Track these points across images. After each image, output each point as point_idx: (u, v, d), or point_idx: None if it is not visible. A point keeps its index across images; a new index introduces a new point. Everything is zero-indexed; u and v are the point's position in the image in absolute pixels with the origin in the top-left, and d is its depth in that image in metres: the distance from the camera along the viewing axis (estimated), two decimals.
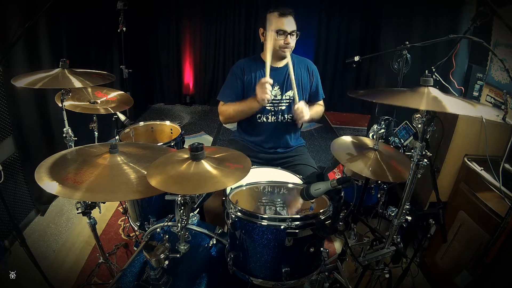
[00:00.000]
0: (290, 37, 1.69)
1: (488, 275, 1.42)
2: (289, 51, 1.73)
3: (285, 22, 1.67)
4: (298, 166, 1.77)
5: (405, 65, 1.99)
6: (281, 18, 1.68)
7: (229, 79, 1.82)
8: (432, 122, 1.00)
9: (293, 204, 1.29)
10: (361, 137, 1.44)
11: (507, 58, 1.81)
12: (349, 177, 1.01)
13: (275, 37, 1.69)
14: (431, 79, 0.99)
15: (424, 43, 1.83)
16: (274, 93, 1.79)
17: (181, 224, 1.01)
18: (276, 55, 1.76)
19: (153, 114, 4.68)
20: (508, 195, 1.43)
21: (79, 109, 1.53)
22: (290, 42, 1.69)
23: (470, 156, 1.69)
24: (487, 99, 2.03)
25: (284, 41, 1.69)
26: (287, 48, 1.71)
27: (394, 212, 1.18)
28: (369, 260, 1.21)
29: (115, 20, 2.62)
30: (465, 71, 2.24)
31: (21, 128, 2.09)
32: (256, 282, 1.09)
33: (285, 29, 1.67)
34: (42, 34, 2.21)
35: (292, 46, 1.73)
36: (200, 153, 0.97)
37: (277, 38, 1.69)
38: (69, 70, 1.33)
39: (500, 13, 1.29)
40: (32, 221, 2.23)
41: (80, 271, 1.84)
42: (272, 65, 1.79)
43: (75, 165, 1.00)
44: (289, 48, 1.72)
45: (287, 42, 1.69)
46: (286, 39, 1.68)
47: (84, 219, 1.39)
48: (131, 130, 1.83)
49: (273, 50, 1.73)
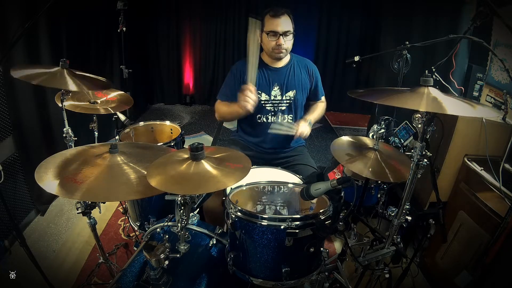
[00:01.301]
0: (283, 38, 1.66)
1: (488, 275, 1.42)
2: (284, 53, 1.71)
3: (277, 23, 1.65)
4: (298, 166, 1.77)
5: (405, 65, 1.99)
6: (273, 19, 1.65)
7: (228, 79, 1.83)
8: (432, 122, 1.01)
9: (293, 204, 1.29)
10: (361, 137, 1.43)
11: (507, 58, 1.81)
12: (349, 177, 1.01)
13: (267, 39, 1.68)
14: (431, 79, 0.99)
15: (424, 43, 1.83)
16: (274, 94, 1.79)
17: (181, 224, 1.01)
18: (271, 57, 1.76)
19: (153, 114, 4.68)
20: (508, 195, 1.43)
21: (79, 109, 1.54)
22: (282, 43, 1.66)
23: (470, 156, 1.69)
24: (487, 99, 2.03)
25: (276, 42, 1.66)
26: (281, 50, 1.69)
27: (394, 212, 1.18)
28: (369, 260, 1.21)
29: (115, 20, 2.62)
30: (465, 71, 2.24)
31: (21, 128, 2.09)
32: (256, 282, 1.09)
33: (276, 30, 1.65)
34: (42, 34, 2.21)
35: (287, 47, 1.70)
36: (200, 153, 0.97)
37: (269, 39, 1.67)
38: (68, 71, 1.32)
39: (500, 13, 1.29)
40: (32, 221, 2.23)
41: (80, 271, 1.84)
42: (271, 65, 1.80)
43: (75, 165, 1.00)
44: (282, 49, 1.69)
45: (279, 43, 1.66)
46: (278, 40, 1.66)
47: (84, 219, 1.39)
48: (131, 130, 1.83)
49: (268, 52, 1.73)
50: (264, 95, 1.79)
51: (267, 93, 1.79)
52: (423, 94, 0.95)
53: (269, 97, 1.79)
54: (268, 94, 1.79)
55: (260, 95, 1.78)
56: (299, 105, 1.85)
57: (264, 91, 1.78)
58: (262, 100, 1.78)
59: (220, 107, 1.82)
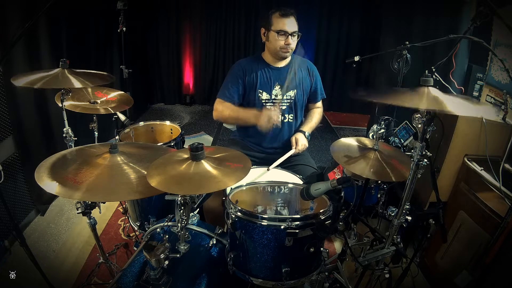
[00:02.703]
0: (291, 38, 1.69)
1: (488, 275, 1.42)
2: (290, 52, 1.73)
3: (287, 23, 1.67)
4: (298, 166, 1.77)
5: (405, 65, 1.99)
6: (283, 18, 1.67)
7: (230, 79, 1.80)
8: (432, 122, 1.00)
9: (293, 204, 1.29)
10: (360, 138, 1.43)
11: (507, 58, 1.80)
12: (349, 177, 1.01)
13: (276, 38, 1.69)
14: (431, 79, 0.99)
15: (424, 43, 1.83)
16: (275, 93, 1.80)
17: (181, 224, 1.01)
18: (277, 56, 1.77)
19: (153, 114, 4.68)
20: (508, 195, 1.43)
21: (79, 109, 1.53)
22: (291, 43, 1.70)
23: (470, 156, 1.69)
24: (487, 99, 2.03)
25: (285, 41, 1.69)
26: (288, 49, 1.71)
27: (394, 212, 1.18)
28: (369, 260, 1.21)
29: (115, 20, 2.62)
30: (465, 71, 2.24)
31: (21, 128, 2.09)
32: (256, 282, 1.09)
33: (286, 30, 1.67)
34: (42, 34, 2.21)
35: (293, 47, 1.73)
36: (200, 153, 0.97)
37: (278, 38, 1.69)
38: (69, 70, 1.33)
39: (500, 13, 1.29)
40: (32, 221, 2.23)
41: (80, 271, 1.84)
42: (273, 65, 1.81)
43: (75, 165, 1.00)
44: (290, 49, 1.72)
45: (287, 43, 1.69)
46: (287, 39, 1.69)
47: (84, 219, 1.39)
48: (131, 130, 1.83)
49: (274, 51, 1.74)
50: (265, 94, 1.79)
51: (268, 92, 1.79)
52: (423, 94, 0.95)
53: (270, 96, 1.79)
54: (269, 93, 1.79)
55: (261, 94, 1.79)
56: (300, 105, 1.86)
57: (265, 90, 1.79)
58: (263, 99, 1.79)
59: (224, 109, 1.78)
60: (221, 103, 1.79)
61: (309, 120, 1.91)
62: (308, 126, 1.88)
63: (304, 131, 1.83)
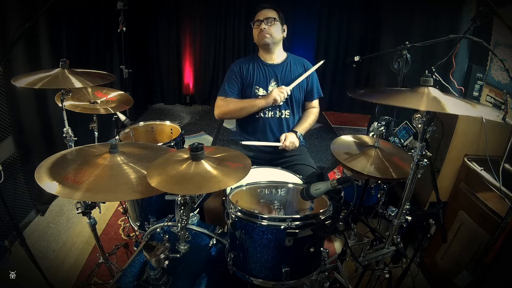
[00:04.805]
0: (265, 23, 1.74)
1: (488, 275, 1.42)
2: (268, 38, 1.76)
3: (260, 14, 1.77)
4: (298, 166, 1.77)
5: (405, 65, 1.99)
6: (257, 12, 1.78)
7: (228, 78, 1.85)
8: (432, 122, 1.00)
9: (293, 204, 1.29)
10: (360, 136, 1.43)
11: (507, 58, 1.81)
12: (349, 177, 1.00)
13: (254, 30, 1.79)
14: (431, 79, 0.99)
15: (424, 43, 1.83)
16: (271, 89, 1.82)
17: (181, 224, 1.01)
18: (262, 47, 1.84)
19: (153, 114, 4.68)
20: (508, 195, 1.42)
21: (79, 109, 1.53)
22: (264, 28, 1.75)
23: (470, 156, 1.69)
24: (487, 99, 2.03)
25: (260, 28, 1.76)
26: (264, 34, 1.76)
27: (394, 212, 1.18)
28: (369, 260, 1.21)
29: (115, 20, 2.61)
30: (465, 71, 2.24)
31: (21, 128, 2.09)
32: (256, 282, 1.09)
33: (258, 18, 1.76)
34: (42, 34, 2.21)
35: (271, 33, 1.76)
36: (200, 153, 0.97)
37: (254, 29, 1.79)
38: (69, 70, 1.32)
39: (500, 13, 1.29)
40: (32, 221, 2.23)
41: (80, 271, 1.84)
42: (267, 61, 1.86)
43: (75, 165, 1.00)
44: (266, 33, 1.76)
45: (261, 28, 1.75)
46: (260, 25, 1.75)
47: (84, 219, 1.39)
48: (131, 130, 1.83)
49: (258, 43, 1.83)
50: (261, 90, 1.82)
51: (265, 88, 1.83)
52: (423, 94, 0.95)
53: (266, 92, 1.82)
54: (265, 89, 1.82)
55: (257, 90, 1.82)
56: (296, 101, 1.88)
57: (261, 86, 1.83)
58: (260, 96, 1.82)
59: (227, 103, 1.81)
60: (222, 99, 1.83)
61: (303, 121, 1.91)
62: (301, 127, 1.88)
63: (296, 131, 1.84)
